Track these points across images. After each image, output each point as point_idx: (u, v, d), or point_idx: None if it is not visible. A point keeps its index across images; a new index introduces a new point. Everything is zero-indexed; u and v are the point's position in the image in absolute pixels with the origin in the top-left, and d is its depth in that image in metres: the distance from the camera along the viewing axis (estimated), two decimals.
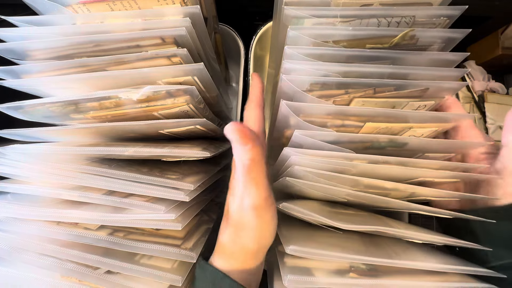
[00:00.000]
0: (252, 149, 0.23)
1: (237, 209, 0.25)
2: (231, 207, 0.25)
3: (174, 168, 0.33)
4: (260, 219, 0.25)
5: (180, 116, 0.31)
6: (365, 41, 0.27)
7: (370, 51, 0.26)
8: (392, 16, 0.27)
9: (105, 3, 0.27)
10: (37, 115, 0.30)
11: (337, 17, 0.27)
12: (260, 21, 0.50)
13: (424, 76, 0.27)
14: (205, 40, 0.32)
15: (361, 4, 0.27)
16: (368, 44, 0.27)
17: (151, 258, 0.29)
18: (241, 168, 0.23)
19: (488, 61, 0.58)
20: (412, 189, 0.27)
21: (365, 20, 0.27)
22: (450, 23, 0.28)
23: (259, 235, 0.25)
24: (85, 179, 0.27)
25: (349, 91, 0.26)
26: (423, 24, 0.28)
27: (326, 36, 0.27)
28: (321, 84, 0.26)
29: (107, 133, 0.31)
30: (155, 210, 0.26)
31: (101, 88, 0.27)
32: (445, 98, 0.29)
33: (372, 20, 0.27)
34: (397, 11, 0.26)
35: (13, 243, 0.27)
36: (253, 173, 0.24)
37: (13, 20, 0.28)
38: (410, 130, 0.27)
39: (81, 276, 0.27)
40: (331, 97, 0.27)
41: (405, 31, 0.26)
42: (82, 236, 0.27)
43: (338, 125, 0.28)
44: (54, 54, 0.28)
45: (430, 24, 0.28)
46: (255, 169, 0.24)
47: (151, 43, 0.27)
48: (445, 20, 0.27)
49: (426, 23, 0.28)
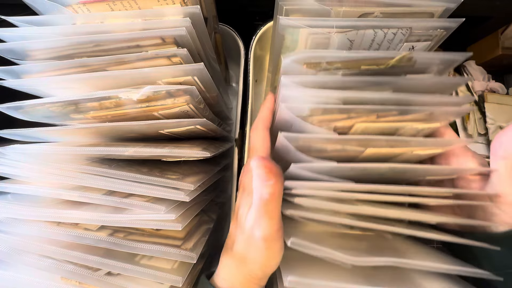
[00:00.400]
0: (274, 185, 0.23)
1: (246, 240, 0.25)
2: (238, 237, 0.26)
3: (174, 168, 0.33)
4: (269, 251, 0.25)
5: (180, 116, 0.31)
6: (360, 62, 0.26)
7: (370, 78, 0.25)
8: (389, 28, 0.26)
9: (105, 3, 0.27)
10: (37, 115, 0.30)
11: (333, 27, 0.26)
12: (260, 21, 0.50)
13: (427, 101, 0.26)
14: (205, 40, 0.32)
15: (362, 12, 0.27)
16: (363, 65, 0.26)
17: (151, 259, 0.29)
18: (258, 200, 0.23)
19: (488, 61, 0.58)
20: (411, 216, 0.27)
21: (361, 31, 0.26)
22: (447, 35, 0.28)
23: (265, 265, 0.25)
24: (85, 179, 0.27)
25: (351, 116, 0.25)
26: (420, 35, 0.27)
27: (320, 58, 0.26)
28: (322, 110, 0.25)
29: (107, 133, 0.31)
30: (155, 210, 0.26)
31: (101, 88, 0.27)
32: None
33: (368, 31, 0.26)
34: (394, 22, 0.26)
35: (13, 244, 0.27)
36: (270, 206, 0.24)
37: (13, 20, 0.28)
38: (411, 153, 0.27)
39: (81, 277, 0.27)
40: (332, 121, 0.26)
41: (402, 54, 0.25)
42: (82, 237, 0.27)
43: (338, 150, 0.27)
44: (54, 54, 0.28)
45: (427, 36, 0.27)
46: (273, 203, 0.24)
47: (151, 43, 0.27)
48: (442, 32, 0.27)
49: (423, 35, 0.27)
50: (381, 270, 0.27)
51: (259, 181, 0.23)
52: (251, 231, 0.24)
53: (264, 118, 0.29)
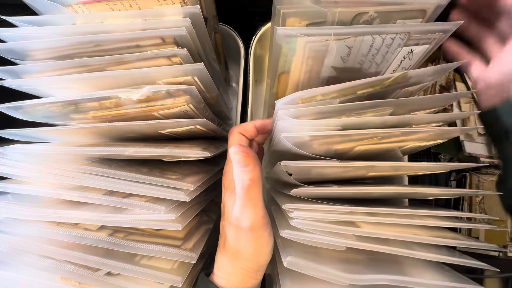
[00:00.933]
0: (252, 170, 0.25)
1: (235, 233, 0.26)
2: (228, 232, 0.27)
3: (174, 168, 0.33)
4: (258, 240, 0.26)
5: (180, 116, 0.31)
6: (356, 88, 0.26)
7: (369, 103, 0.25)
8: (387, 33, 0.26)
9: (105, 3, 0.27)
10: (37, 115, 0.30)
11: (330, 35, 0.26)
12: (260, 21, 0.50)
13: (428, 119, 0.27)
14: (205, 40, 0.32)
15: (357, 12, 0.27)
16: (359, 90, 0.26)
17: (151, 259, 0.29)
18: (241, 188, 0.25)
19: None
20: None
21: (359, 38, 0.26)
22: (445, 38, 0.28)
23: (257, 254, 0.26)
24: (85, 179, 0.27)
25: (353, 139, 0.26)
26: (418, 39, 0.27)
27: (313, 93, 0.26)
28: (322, 136, 0.25)
29: (107, 133, 0.31)
30: (155, 210, 0.26)
31: (101, 88, 0.27)
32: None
33: (366, 37, 0.26)
34: (392, 28, 0.26)
35: (13, 245, 0.27)
36: (252, 193, 0.25)
37: (13, 20, 0.28)
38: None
39: (81, 278, 0.27)
40: (333, 144, 0.27)
41: (397, 75, 0.25)
42: (82, 237, 0.27)
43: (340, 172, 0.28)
44: (54, 54, 0.28)
45: (425, 39, 0.27)
46: (254, 189, 0.25)
47: (151, 43, 0.27)
48: (440, 35, 0.27)
49: (421, 39, 0.27)
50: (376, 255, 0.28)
51: (238, 167, 0.25)
52: (238, 222, 0.25)
53: (241, 126, 0.30)
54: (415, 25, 0.26)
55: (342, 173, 0.29)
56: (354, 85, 0.25)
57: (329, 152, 0.27)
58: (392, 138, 0.26)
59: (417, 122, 0.27)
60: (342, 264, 0.28)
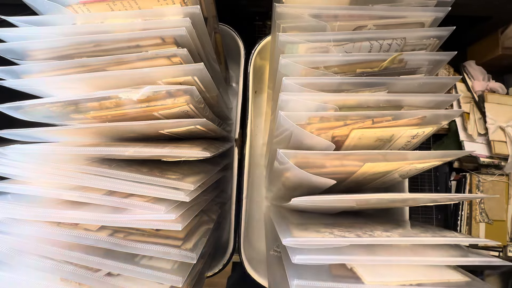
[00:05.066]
0: None
1: None
2: None
3: (174, 168, 0.33)
4: None
5: (180, 116, 0.31)
6: (356, 66, 0.27)
7: (365, 78, 0.27)
8: (384, 39, 0.27)
9: (105, 3, 0.27)
10: (37, 115, 0.30)
11: (330, 41, 0.27)
12: (260, 21, 0.50)
13: (419, 101, 0.28)
14: (205, 40, 0.32)
15: (356, 26, 0.28)
16: (358, 68, 0.28)
17: (151, 259, 0.29)
18: None
19: (488, 61, 0.58)
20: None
21: (357, 43, 0.27)
22: (440, 43, 0.29)
23: None
24: (85, 179, 0.27)
25: (347, 123, 0.27)
26: (414, 45, 0.28)
27: (317, 62, 0.28)
28: (319, 117, 0.27)
29: (107, 133, 0.31)
30: (155, 211, 0.26)
31: (101, 88, 0.27)
32: None
33: (364, 43, 0.27)
34: (388, 33, 0.27)
35: (13, 245, 0.27)
36: None
37: (13, 20, 0.28)
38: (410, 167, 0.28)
39: (81, 278, 0.27)
40: (330, 129, 0.27)
41: (393, 56, 0.27)
42: (82, 237, 0.27)
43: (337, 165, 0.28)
44: (54, 54, 0.28)
45: (421, 45, 0.28)
46: None
47: (151, 43, 0.27)
48: (435, 40, 0.28)
49: (417, 44, 0.28)
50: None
51: None
52: None
53: None
54: (410, 30, 0.28)
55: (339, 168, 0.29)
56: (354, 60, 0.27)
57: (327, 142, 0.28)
58: (384, 122, 0.27)
59: (409, 103, 0.27)
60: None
